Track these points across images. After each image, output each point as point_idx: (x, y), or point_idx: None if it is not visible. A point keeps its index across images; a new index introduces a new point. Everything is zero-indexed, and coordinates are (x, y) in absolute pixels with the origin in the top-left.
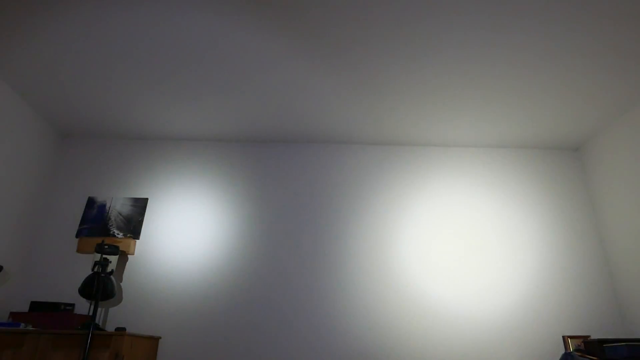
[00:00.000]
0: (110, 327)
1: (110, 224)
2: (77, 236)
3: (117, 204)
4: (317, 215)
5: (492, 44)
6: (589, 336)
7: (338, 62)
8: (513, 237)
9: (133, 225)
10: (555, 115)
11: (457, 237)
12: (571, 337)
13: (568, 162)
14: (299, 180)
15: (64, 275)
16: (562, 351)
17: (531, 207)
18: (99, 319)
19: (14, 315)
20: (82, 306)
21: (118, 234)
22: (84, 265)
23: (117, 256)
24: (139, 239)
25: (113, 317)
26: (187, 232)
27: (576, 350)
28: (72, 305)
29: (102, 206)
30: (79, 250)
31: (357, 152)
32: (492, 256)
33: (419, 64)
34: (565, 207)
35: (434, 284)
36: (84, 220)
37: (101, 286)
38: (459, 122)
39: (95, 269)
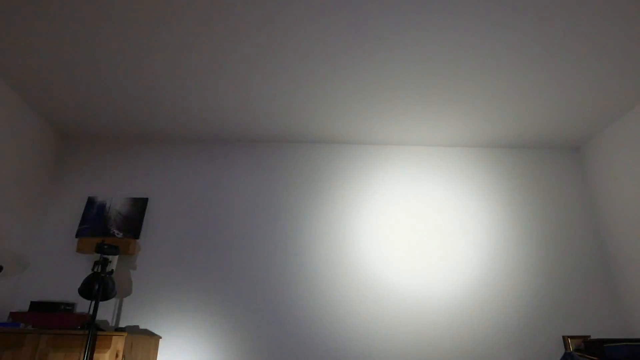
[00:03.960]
0: (111, 327)
1: (110, 224)
2: (77, 236)
3: (117, 204)
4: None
5: (492, 44)
6: (589, 336)
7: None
8: (513, 237)
9: (133, 225)
10: (555, 115)
11: (457, 238)
12: (571, 337)
13: (568, 162)
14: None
15: (64, 275)
16: (562, 351)
17: (531, 206)
18: (112, 317)
19: (14, 315)
20: (82, 306)
21: (118, 233)
22: (84, 265)
23: (117, 256)
24: (138, 238)
25: (113, 317)
26: (186, 231)
27: (576, 350)
28: (72, 305)
29: (102, 206)
30: (79, 250)
31: (349, 151)
32: (492, 257)
33: (414, 65)
34: (565, 207)
35: (434, 286)
36: (84, 220)
37: (101, 286)
38: (459, 122)
39: (95, 269)
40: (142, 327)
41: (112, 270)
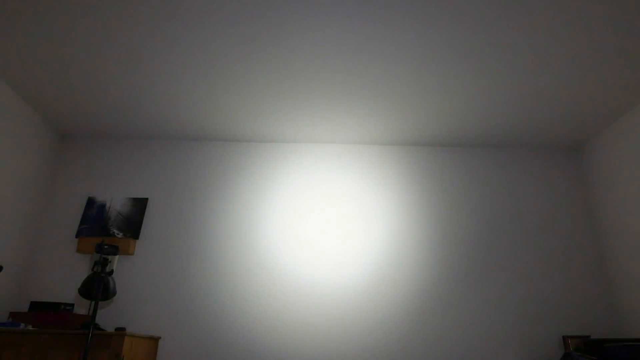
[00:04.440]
0: (111, 327)
1: (110, 224)
2: (77, 236)
3: (117, 204)
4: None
5: (490, 44)
6: (589, 336)
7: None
8: (512, 238)
9: (133, 225)
10: (555, 115)
11: (459, 240)
12: (571, 337)
13: (568, 162)
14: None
15: (64, 275)
16: (562, 351)
17: (530, 206)
18: (112, 317)
19: (14, 315)
20: (82, 306)
21: (118, 234)
22: (84, 265)
23: (117, 256)
24: (138, 238)
25: (113, 317)
26: (186, 231)
27: (576, 350)
28: (72, 305)
29: (102, 206)
30: (79, 250)
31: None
32: (492, 257)
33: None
34: (564, 207)
35: (430, 292)
36: (84, 220)
37: (101, 286)
38: (458, 121)
39: (95, 269)
40: (141, 327)
41: (112, 270)
